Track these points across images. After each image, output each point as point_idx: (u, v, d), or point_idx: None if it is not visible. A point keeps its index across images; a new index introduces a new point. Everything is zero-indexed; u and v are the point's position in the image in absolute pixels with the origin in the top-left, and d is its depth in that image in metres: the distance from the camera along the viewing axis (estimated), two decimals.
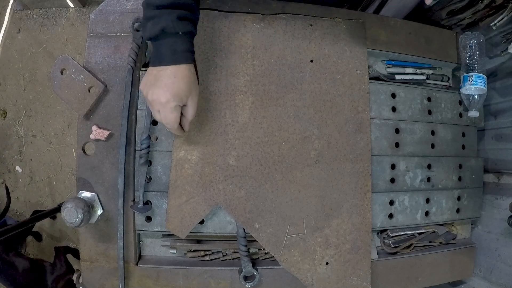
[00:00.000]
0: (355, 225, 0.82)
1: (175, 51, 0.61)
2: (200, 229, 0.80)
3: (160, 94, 0.61)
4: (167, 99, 0.61)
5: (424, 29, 0.93)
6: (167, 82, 0.61)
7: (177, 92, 0.62)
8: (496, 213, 0.97)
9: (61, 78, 0.77)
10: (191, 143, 0.77)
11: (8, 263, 1.36)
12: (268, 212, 0.79)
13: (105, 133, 0.76)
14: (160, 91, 0.61)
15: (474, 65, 0.90)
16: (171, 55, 0.61)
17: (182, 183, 0.77)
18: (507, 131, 0.97)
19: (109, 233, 0.78)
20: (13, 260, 1.38)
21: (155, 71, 0.62)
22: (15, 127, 2.05)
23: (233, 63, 0.79)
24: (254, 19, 0.81)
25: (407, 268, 0.90)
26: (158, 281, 0.80)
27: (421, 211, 0.91)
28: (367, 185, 0.82)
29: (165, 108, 0.62)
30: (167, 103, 0.62)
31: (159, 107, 0.63)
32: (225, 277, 0.81)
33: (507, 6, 0.86)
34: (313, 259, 0.80)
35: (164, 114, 0.63)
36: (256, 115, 0.79)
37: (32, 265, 1.41)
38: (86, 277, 0.79)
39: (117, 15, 0.79)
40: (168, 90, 0.61)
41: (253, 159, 0.78)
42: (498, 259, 0.94)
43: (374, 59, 0.92)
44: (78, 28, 2.06)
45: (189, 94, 0.64)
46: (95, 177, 0.78)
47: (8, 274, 1.35)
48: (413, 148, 0.90)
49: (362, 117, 0.83)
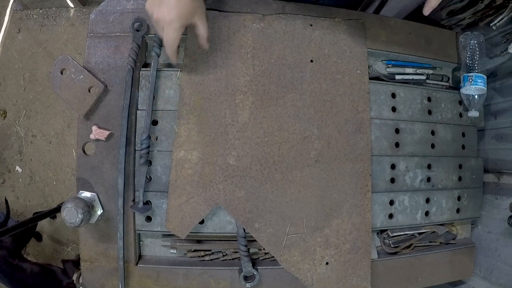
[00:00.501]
0: (355, 225, 0.82)
1: None
2: (200, 229, 0.80)
3: (165, 13, 0.63)
4: (171, 18, 0.63)
5: (424, 29, 0.93)
6: (171, 1, 0.62)
7: (181, 13, 0.63)
8: (496, 213, 0.97)
9: (61, 78, 0.77)
10: (191, 143, 0.77)
11: (15, 267, 1.37)
12: (268, 212, 0.79)
13: (105, 133, 0.76)
14: (165, 10, 0.63)
15: (474, 65, 0.90)
16: None
17: (182, 183, 0.77)
18: (507, 131, 0.97)
19: (109, 233, 0.78)
20: (20, 265, 1.38)
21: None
22: (15, 127, 2.05)
23: (233, 63, 0.79)
24: (254, 19, 0.81)
25: (407, 268, 0.90)
26: (158, 281, 0.80)
27: (421, 211, 0.91)
28: (367, 185, 0.82)
29: (169, 27, 0.64)
30: (172, 22, 0.63)
31: (163, 25, 0.65)
32: (225, 277, 0.81)
33: (507, 6, 0.86)
34: (313, 259, 0.80)
35: (167, 32, 0.65)
36: (256, 115, 0.79)
37: (41, 270, 1.42)
38: (86, 277, 0.79)
39: (117, 15, 0.79)
40: (173, 9, 0.62)
41: (253, 159, 0.78)
42: (498, 259, 0.94)
43: (374, 59, 0.92)
44: (78, 28, 2.06)
45: (195, 13, 0.66)
46: (95, 177, 0.78)
47: (15, 278, 1.35)
48: (413, 148, 0.90)
49: (362, 117, 0.83)
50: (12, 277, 1.35)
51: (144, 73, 0.79)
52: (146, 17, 0.78)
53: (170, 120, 0.79)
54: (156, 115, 0.79)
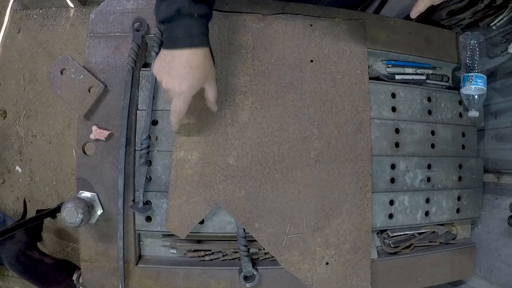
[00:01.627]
0: (355, 225, 0.82)
1: (191, 34, 0.59)
2: (200, 229, 0.80)
3: (175, 85, 0.61)
4: (182, 90, 0.61)
5: (424, 29, 0.93)
6: (182, 72, 0.60)
7: (192, 84, 0.62)
8: (496, 213, 0.97)
9: (61, 78, 0.77)
10: (191, 143, 0.77)
11: (35, 260, 1.37)
12: (268, 212, 0.79)
13: (105, 133, 0.76)
14: (175, 82, 0.61)
15: (474, 65, 0.90)
16: (186, 38, 0.59)
17: (182, 183, 0.77)
18: (507, 131, 0.97)
19: (109, 233, 0.78)
20: (40, 257, 1.39)
21: (169, 56, 0.61)
22: (15, 127, 2.05)
23: (233, 63, 0.79)
24: (254, 19, 0.81)
25: (407, 268, 0.90)
26: (158, 281, 0.80)
27: (421, 211, 0.91)
28: (367, 185, 0.82)
29: (179, 97, 0.63)
30: (181, 94, 0.62)
31: (173, 95, 0.63)
32: (225, 277, 0.81)
33: (507, 6, 0.86)
34: (313, 259, 0.80)
35: (175, 103, 0.64)
36: (256, 115, 0.79)
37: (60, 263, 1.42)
38: (86, 277, 0.79)
39: (117, 15, 0.79)
40: (184, 81, 0.61)
41: (253, 159, 0.78)
42: (498, 259, 0.94)
43: (374, 59, 0.92)
44: (78, 28, 2.06)
45: (205, 81, 0.64)
46: (95, 177, 0.78)
47: (36, 270, 1.35)
48: (413, 148, 0.90)
49: (362, 117, 0.83)
50: (32, 269, 1.35)
51: (144, 73, 0.79)
52: (146, 17, 0.79)
53: (170, 120, 0.79)
54: (156, 115, 0.79)
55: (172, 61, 0.60)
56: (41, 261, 1.39)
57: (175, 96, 0.63)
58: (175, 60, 0.60)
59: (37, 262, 1.38)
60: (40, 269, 1.37)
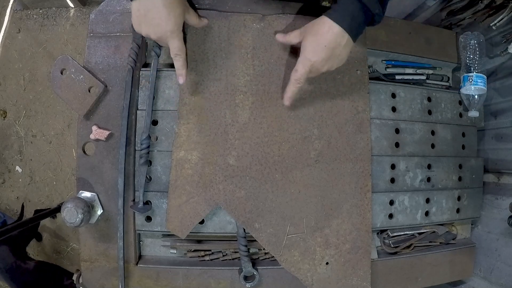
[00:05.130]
0: (355, 225, 0.82)
1: None
2: (200, 229, 0.80)
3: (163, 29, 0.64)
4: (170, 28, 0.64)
5: (424, 29, 0.93)
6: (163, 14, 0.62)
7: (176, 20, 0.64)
8: (496, 213, 0.97)
9: (61, 78, 0.77)
10: (191, 143, 0.77)
11: (17, 264, 1.36)
12: (268, 212, 0.79)
13: (105, 133, 0.76)
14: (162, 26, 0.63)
15: (474, 65, 0.90)
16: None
17: (182, 183, 0.77)
18: (507, 131, 0.97)
19: (109, 233, 0.78)
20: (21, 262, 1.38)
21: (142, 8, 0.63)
22: (15, 127, 2.05)
23: (233, 63, 0.79)
24: (254, 19, 0.81)
25: (407, 268, 0.90)
26: (158, 281, 0.80)
27: (421, 211, 0.91)
28: (367, 185, 0.82)
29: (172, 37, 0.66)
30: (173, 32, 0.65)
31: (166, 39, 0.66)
32: (225, 277, 0.81)
33: (507, 6, 0.86)
34: (313, 259, 0.80)
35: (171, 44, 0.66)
36: (256, 115, 0.79)
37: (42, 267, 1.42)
38: (86, 277, 0.80)
39: (117, 15, 0.79)
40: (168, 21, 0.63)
41: (253, 159, 0.78)
42: (498, 259, 0.94)
43: (374, 59, 0.92)
44: (78, 28, 2.06)
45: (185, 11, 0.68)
46: (95, 177, 0.78)
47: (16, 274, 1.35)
48: (413, 148, 0.90)
49: (362, 117, 0.83)
50: (13, 273, 1.35)
51: (144, 73, 0.79)
52: None
53: (170, 120, 0.79)
54: (156, 115, 0.79)
55: (148, 10, 0.62)
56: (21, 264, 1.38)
57: (168, 37, 0.65)
58: (149, 8, 0.62)
59: (18, 265, 1.37)
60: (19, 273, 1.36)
